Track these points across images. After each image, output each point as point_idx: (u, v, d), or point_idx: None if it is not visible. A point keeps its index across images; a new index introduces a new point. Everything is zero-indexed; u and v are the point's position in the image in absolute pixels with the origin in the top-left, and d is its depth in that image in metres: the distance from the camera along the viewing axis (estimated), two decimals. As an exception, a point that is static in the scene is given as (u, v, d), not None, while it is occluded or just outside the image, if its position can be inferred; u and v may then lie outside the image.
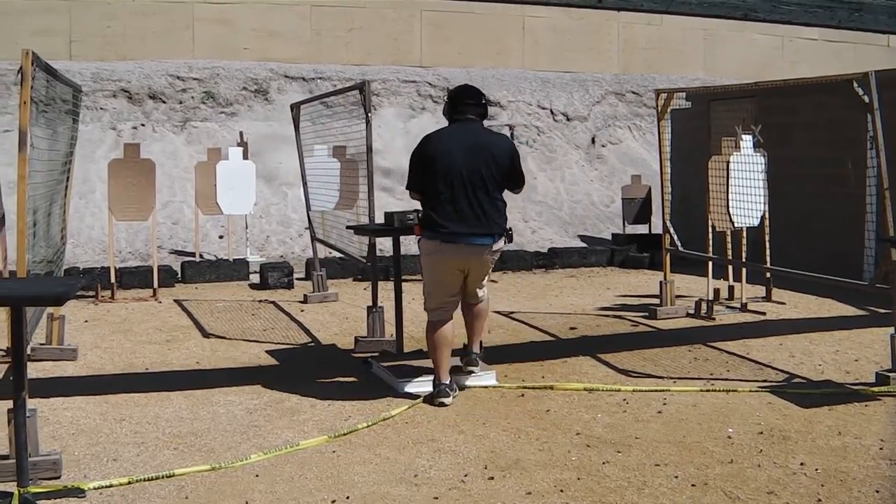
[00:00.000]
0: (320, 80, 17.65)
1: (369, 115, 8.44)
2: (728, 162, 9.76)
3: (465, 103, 6.76)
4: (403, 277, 8.07)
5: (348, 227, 8.82)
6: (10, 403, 4.79)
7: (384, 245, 10.99)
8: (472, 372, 7.01)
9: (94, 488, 4.98)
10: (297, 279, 12.02)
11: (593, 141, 18.76)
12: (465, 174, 6.47)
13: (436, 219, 6.53)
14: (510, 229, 6.84)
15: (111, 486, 5.03)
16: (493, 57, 19.63)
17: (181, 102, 16.82)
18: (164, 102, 16.68)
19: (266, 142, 16.17)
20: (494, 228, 6.58)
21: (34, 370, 7.26)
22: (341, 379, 7.36)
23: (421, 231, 6.69)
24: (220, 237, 14.01)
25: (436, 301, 6.76)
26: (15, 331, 4.73)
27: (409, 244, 11.09)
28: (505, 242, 6.76)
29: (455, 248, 6.53)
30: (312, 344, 8.81)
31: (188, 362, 7.99)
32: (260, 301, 10.91)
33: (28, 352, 6.58)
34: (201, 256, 12.95)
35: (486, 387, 6.98)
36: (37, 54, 6.75)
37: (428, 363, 6.81)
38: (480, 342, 7.17)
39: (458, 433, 5.95)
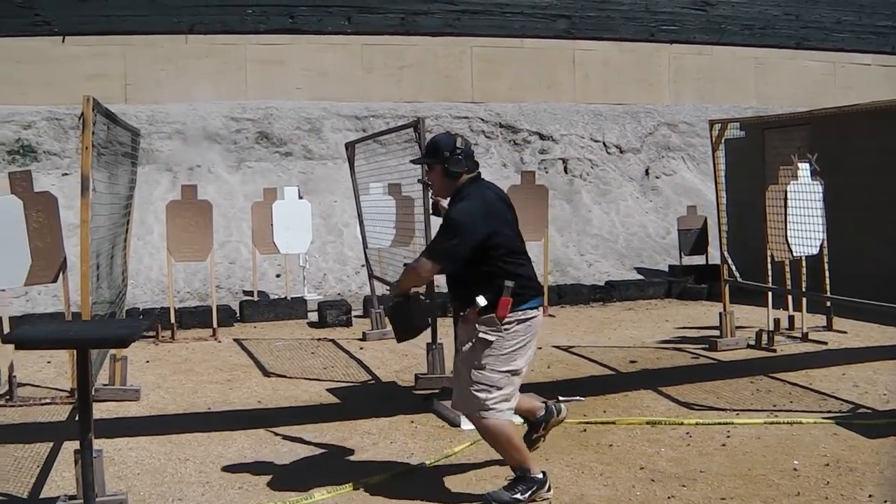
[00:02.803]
0: (372, 118, 17.75)
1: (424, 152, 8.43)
2: (786, 191, 9.70)
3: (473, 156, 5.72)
4: (462, 313, 8.05)
5: (406, 265, 8.82)
6: (76, 444, 4.85)
7: (441, 281, 10.95)
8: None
9: (161, 528, 5.02)
10: (355, 317, 12.07)
11: (647, 172, 18.71)
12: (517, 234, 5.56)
13: (530, 281, 5.40)
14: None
15: (178, 526, 5.07)
16: (543, 91, 19.65)
17: (236, 143, 16.98)
18: (218, 143, 16.84)
19: (321, 181, 16.28)
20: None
21: (98, 410, 7.27)
22: (402, 416, 7.35)
23: (514, 304, 5.22)
24: (278, 276, 14.09)
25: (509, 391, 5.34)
26: (81, 372, 4.79)
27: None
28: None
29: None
30: (373, 381, 8.82)
31: (250, 401, 8.04)
32: (319, 339, 10.95)
33: (92, 392, 6.67)
34: (259, 295, 13.02)
35: (547, 422, 6.93)
36: (97, 100, 6.86)
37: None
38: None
39: (521, 469, 5.91)
